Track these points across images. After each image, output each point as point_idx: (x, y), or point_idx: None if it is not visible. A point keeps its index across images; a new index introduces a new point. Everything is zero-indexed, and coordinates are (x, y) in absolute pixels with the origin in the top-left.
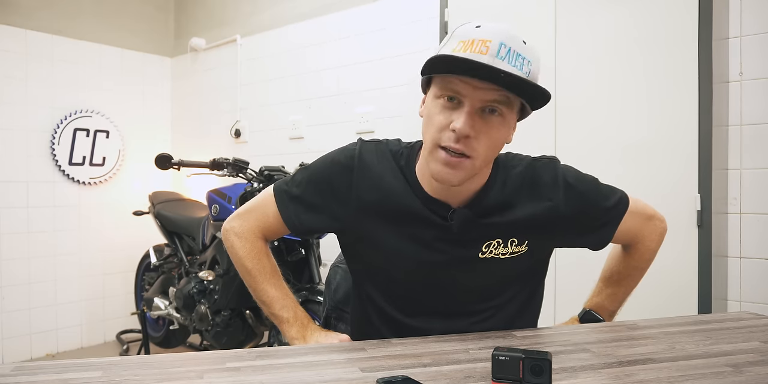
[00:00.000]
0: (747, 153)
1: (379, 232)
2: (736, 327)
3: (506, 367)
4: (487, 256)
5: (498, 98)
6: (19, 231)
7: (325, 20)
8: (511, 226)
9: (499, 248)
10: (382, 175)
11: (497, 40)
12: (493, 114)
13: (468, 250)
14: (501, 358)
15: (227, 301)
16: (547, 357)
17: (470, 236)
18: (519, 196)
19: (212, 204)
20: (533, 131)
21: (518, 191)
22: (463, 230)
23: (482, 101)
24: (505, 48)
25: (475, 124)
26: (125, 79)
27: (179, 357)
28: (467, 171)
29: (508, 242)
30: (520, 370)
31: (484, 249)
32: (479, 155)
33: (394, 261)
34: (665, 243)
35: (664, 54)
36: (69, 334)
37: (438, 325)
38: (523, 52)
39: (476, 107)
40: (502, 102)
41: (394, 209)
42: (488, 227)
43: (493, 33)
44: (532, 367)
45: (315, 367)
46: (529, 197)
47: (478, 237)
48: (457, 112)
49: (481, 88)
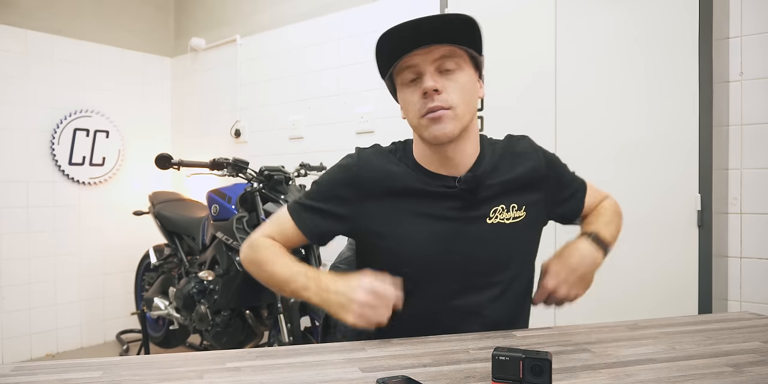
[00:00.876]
0: (747, 153)
1: (391, 217)
2: (736, 327)
3: (506, 367)
4: (494, 221)
5: (443, 53)
6: (19, 231)
7: (325, 20)
8: (507, 186)
9: (503, 213)
10: (384, 166)
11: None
12: (450, 70)
13: (478, 212)
14: (501, 358)
15: (227, 301)
16: (547, 357)
17: (478, 198)
18: (506, 162)
19: (212, 204)
20: (533, 131)
21: (504, 159)
22: (472, 192)
23: (432, 61)
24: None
25: (437, 80)
26: (125, 79)
27: (179, 357)
28: (453, 120)
29: (509, 207)
30: (520, 370)
31: (491, 214)
32: (457, 104)
33: (408, 241)
34: (665, 243)
35: (664, 54)
36: (69, 334)
37: (456, 303)
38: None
39: (433, 69)
40: (449, 56)
41: (401, 191)
42: (490, 188)
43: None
44: (532, 368)
45: (315, 367)
46: (514, 162)
47: (485, 199)
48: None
49: (425, 53)
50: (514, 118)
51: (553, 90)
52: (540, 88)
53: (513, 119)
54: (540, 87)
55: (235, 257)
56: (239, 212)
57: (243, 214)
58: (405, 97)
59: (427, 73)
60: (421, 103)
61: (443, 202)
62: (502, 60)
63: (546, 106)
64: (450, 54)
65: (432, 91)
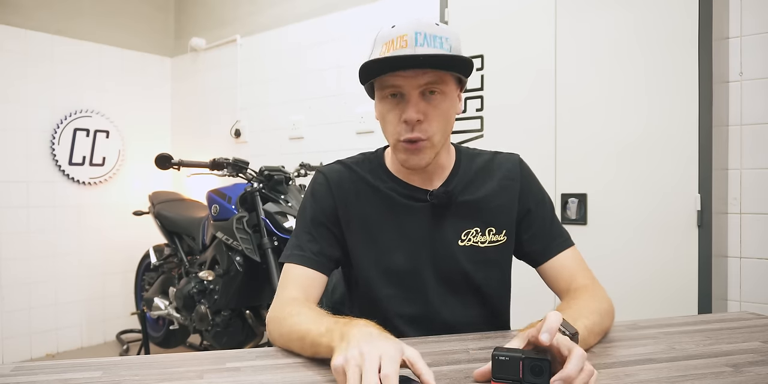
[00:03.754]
0: (747, 153)
1: (366, 228)
2: (736, 327)
3: (506, 368)
4: (466, 243)
5: (431, 80)
6: (19, 231)
7: (325, 20)
8: (482, 205)
9: (477, 236)
10: (354, 181)
11: (412, 31)
12: (434, 94)
13: (451, 231)
14: (501, 358)
15: (227, 301)
16: (546, 357)
17: (450, 214)
18: (484, 178)
19: (212, 204)
20: (533, 131)
21: (483, 174)
22: (444, 207)
23: (418, 87)
24: (421, 35)
25: (420, 108)
26: (125, 79)
27: (179, 357)
28: (429, 150)
29: (486, 231)
30: (520, 371)
31: (463, 236)
32: (435, 133)
33: (381, 252)
34: (665, 243)
35: (664, 54)
36: (69, 334)
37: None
38: (438, 32)
39: (417, 94)
40: (436, 82)
41: (374, 205)
42: (463, 207)
43: (407, 26)
44: (532, 368)
45: (315, 367)
46: (493, 178)
47: (457, 218)
48: (401, 105)
49: (412, 76)
50: (514, 118)
51: (553, 90)
52: (540, 88)
53: (513, 119)
54: (540, 87)
55: (235, 257)
56: (239, 212)
57: (243, 214)
58: (383, 110)
59: (411, 101)
60: (400, 126)
61: (416, 214)
62: (502, 60)
63: (546, 106)
64: (437, 80)
65: (413, 123)
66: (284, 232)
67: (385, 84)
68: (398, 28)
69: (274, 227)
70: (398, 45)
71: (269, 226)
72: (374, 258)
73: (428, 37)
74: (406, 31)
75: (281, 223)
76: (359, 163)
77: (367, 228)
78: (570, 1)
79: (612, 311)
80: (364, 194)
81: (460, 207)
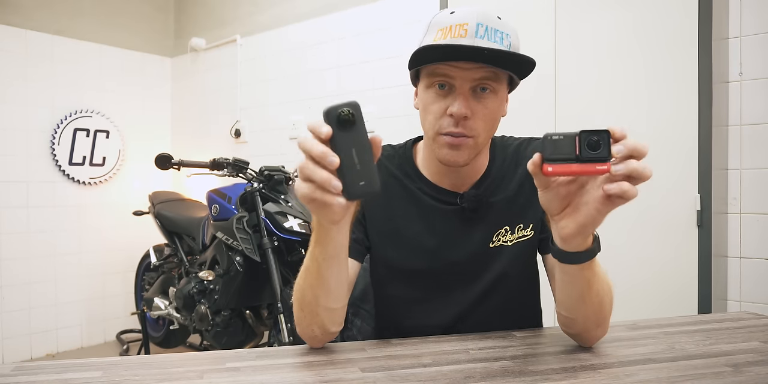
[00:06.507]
0: (747, 153)
1: (390, 228)
2: (736, 327)
3: (560, 146)
4: (496, 244)
5: (486, 75)
6: (19, 231)
7: (325, 20)
8: (511, 203)
9: (506, 235)
10: (383, 174)
11: (473, 21)
12: (485, 91)
13: (480, 234)
14: (554, 138)
15: (227, 301)
16: (606, 130)
17: (480, 217)
18: (511, 171)
19: (212, 204)
20: (533, 132)
21: (511, 167)
22: (474, 211)
23: (472, 81)
24: (483, 27)
25: (470, 104)
26: (125, 79)
27: (179, 357)
28: (470, 149)
29: (515, 228)
30: (576, 147)
31: (494, 238)
32: (480, 133)
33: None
34: (665, 243)
35: (664, 54)
36: (69, 334)
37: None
38: (500, 27)
39: (468, 88)
40: (491, 78)
41: (405, 201)
42: (493, 208)
43: (468, 15)
44: (589, 142)
45: (315, 367)
46: (518, 170)
47: (488, 221)
48: (450, 97)
49: (468, 68)
50: (514, 118)
51: (553, 90)
52: (540, 88)
53: (513, 119)
54: (540, 87)
55: (235, 257)
56: (239, 212)
57: (243, 214)
58: (427, 100)
59: (461, 95)
60: (445, 119)
61: (444, 217)
62: None
63: (546, 106)
64: (493, 77)
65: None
66: (284, 232)
67: (436, 72)
68: (458, 16)
69: (274, 227)
70: (456, 33)
71: (269, 226)
72: (394, 256)
73: (489, 30)
74: (468, 20)
75: (281, 223)
76: (389, 157)
77: (392, 223)
78: (570, 2)
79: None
80: (393, 189)
81: (491, 208)
